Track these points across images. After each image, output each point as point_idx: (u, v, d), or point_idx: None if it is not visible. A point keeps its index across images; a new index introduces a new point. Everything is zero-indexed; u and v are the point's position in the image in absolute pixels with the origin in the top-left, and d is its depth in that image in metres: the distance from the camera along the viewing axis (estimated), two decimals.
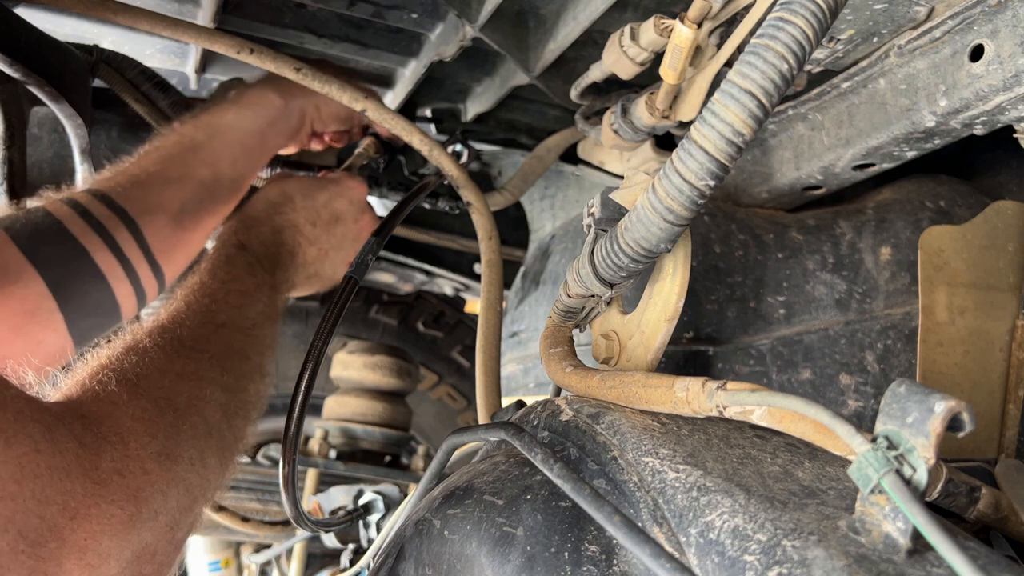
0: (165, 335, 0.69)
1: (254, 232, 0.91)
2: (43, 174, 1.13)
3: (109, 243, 0.81)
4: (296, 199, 0.97)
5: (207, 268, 0.82)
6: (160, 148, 0.91)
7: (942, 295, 0.76)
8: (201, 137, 0.93)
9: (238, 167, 0.96)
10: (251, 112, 0.98)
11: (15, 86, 0.89)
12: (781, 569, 0.38)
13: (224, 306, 0.78)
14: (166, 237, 0.87)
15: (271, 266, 0.89)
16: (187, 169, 0.91)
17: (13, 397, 0.51)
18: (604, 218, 0.69)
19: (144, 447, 0.57)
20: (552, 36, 0.91)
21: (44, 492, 0.48)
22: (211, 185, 0.92)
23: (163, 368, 0.66)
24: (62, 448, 0.51)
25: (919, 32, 0.69)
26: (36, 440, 0.49)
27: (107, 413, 0.57)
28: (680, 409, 0.53)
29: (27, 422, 0.50)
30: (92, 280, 0.80)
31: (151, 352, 0.66)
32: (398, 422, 1.81)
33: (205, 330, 0.74)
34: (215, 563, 2.03)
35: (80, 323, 0.79)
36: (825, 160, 0.80)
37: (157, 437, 0.59)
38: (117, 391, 0.59)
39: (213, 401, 0.69)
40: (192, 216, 0.90)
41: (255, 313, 0.81)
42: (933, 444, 0.36)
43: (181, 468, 0.60)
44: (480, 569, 0.54)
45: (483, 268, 0.98)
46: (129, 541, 0.53)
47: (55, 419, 0.52)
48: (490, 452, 0.71)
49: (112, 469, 0.54)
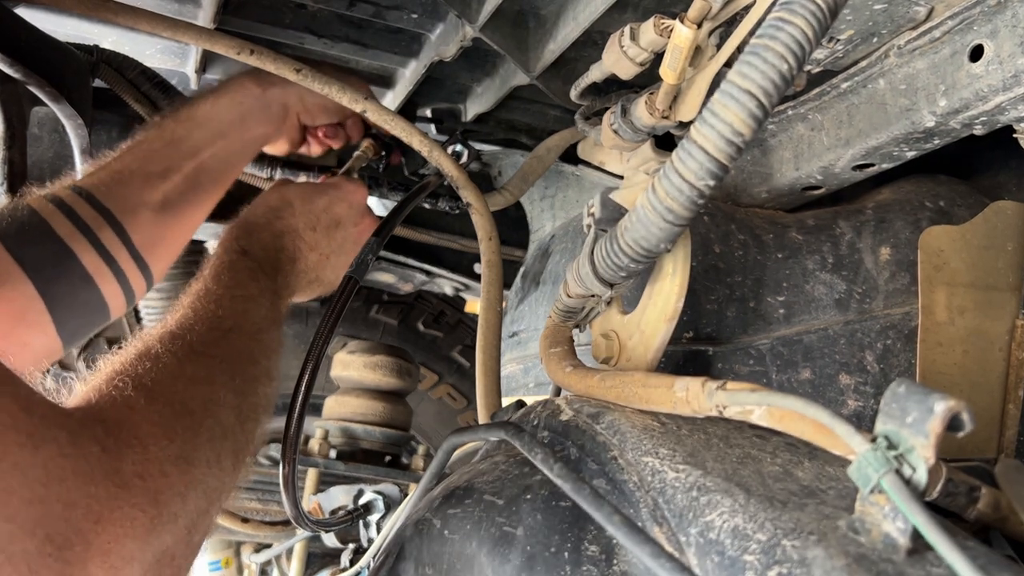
0: (176, 341, 0.70)
1: (255, 237, 0.91)
2: (43, 174, 1.13)
3: (95, 244, 0.82)
4: (296, 204, 0.97)
5: (210, 274, 0.83)
6: (142, 143, 0.92)
7: (942, 295, 0.76)
8: (181, 131, 0.94)
9: (220, 157, 0.97)
10: (228, 100, 0.98)
11: (15, 86, 0.89)
12: (781, 569, 0.38)
13: (230, 312, 0.78)
14: (151, 233, 0.88)
15: (272, 271, 0.90)
16: (169, 163, 0.92)
17: (38, 403, 0.51)
18: (604, 218, 0.69)
19: (163, 450, 0.58)
20: (552, 36, 0.91)
21: (70, 496, 0.49)
22: (194, 177, 0.94)
23: (176, 373, 0.66)
24: (85, 452, 0.51)
25: (919, 32, 0.69)
26: (61, 444, 0.50)
27: (126, 418, 0.58)
28: (680, 409, 0.53)
29: (52, 427, 0.50)
30: (80, 282, 0.81)
31: (164, 357, 0.66)
32: (398, 422, 1.81)
33: (213, 335, 0.74)
34: (215, 563, 2.03)
35: (69, 324, 0.80)
36: (825, 160, 0.80)
37: (175, 441, 0.59)
38: (134, 396, 0.60)
39: (226, 404, 0.69)
40: (176, 210, 0.92)
41: (259, 318, 0.82)
42: (933, 444, 0.36)
43: (199, 471, 0.61)
44: (480, 569, 0.54)
45: (483, 268, 0.98)
46: (151, 544, 0.54)
47: (78, 424, 0.53)
48: (490, 452, 0.71)
49: (133, 473, 0.54)
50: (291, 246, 0.94)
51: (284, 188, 1.00)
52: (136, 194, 0.88)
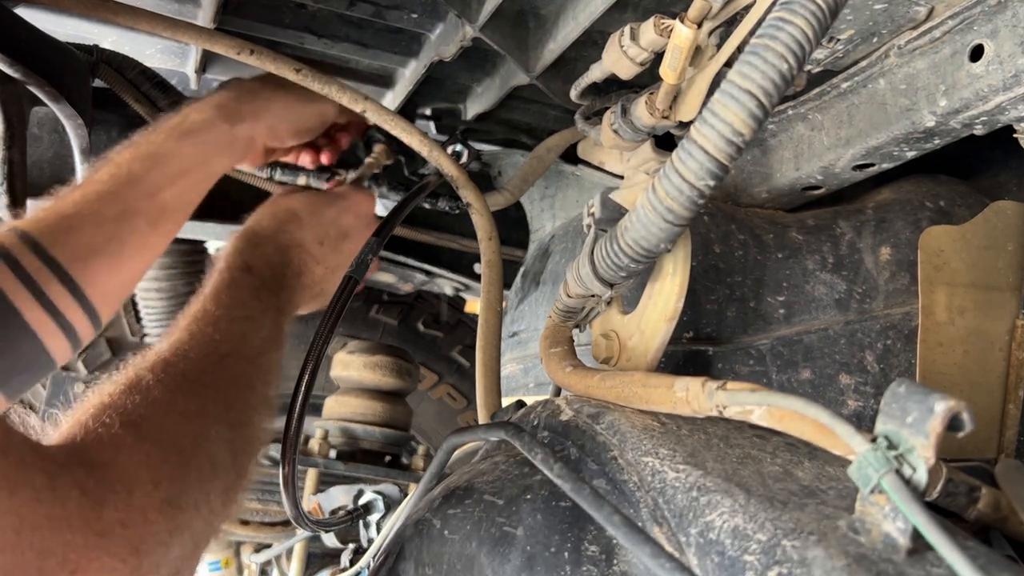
0: (168, 369, 0.67)
1: (259, 252, 0.88)
2: (43, 174, 1.13)
3: (40, 299, 0.76)
4: (303, 216, 0.94)
5: (210, 293, 0.80)
6: (96, 182, 0.84)
7: (942, 295, 0.76)
8: (138, 169, 0.85)
9: (181, 196, 0.89)
10: (193, 140, 0.90)
11: (15, 86, 0.89)
12: (781, 569, 0.38)
13: (228, 335, 0.76)
14: (103, 282, 0.81)
15: (276, 288, 0.87)
16: (125, 205, 0.84)
17: (17, 444, 0.49)
18: (604, 218, 0.69)
19: (148, 496, 0.55)
20: (552, 36, 0.91)
21: (44, 544, 0.47)
22: (153, 218, 0.86)
23: (167, 407, 0.64)
24: (63, 497, 0.50)
25: (919, 32, 0.69)
26: (38, 489, 0.48)
27: (111, 459, 0.55)
28: (680, 409, 0.53)
29: (30, 470, 0.49)
30: (23, 338, 0.75)
31: (154, 390, 0.64)
32: (398, 422, 1.81)
33: (208, 362, 0.72)
34: (215, 563, 2.03)
35: (12, 381, 0.75)
36: (825, 160, 0.80)
37: (161, 485, 0.57)
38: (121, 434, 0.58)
39: (219, 439, 0.67)
40: (132, 254, 0.84)
41: (260, 340, 0.79)
42: (933, 444, 0.36)
43: (185, 516, 0.58)
44: (480, 569, 0.54)
45: (483, 268, 0.98)
46: None
47: (58, 467, 0.51)
48: (490, 452, 0.71)
49: (115, 520, 0.52)
50: (297, 260, 0.91)
51: (290, 198, 0.97)
52: (87, 241, 0.80)
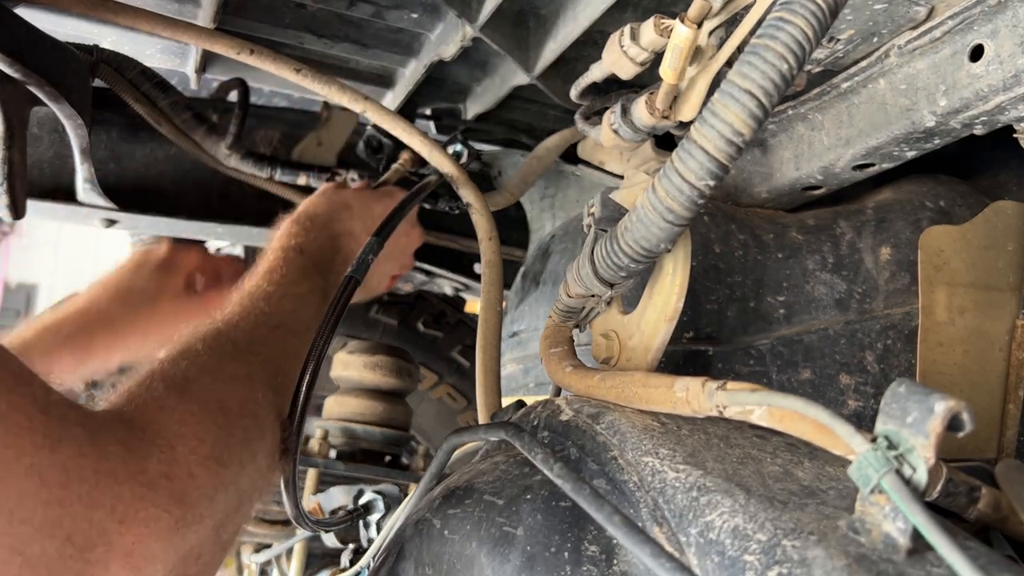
0: (219, 338, 0.70)
1: (312, 236, 0.92)
2: (43, 174, 1.13)
3: None
4: (355, 208, 0.99)
5: (263, 270, 0.84)
6: None
7: (942, 295, 0.76)
8: None
9: None
10: None
11: (15, 86, 0.88)
12: (781, 569, 0.38)
13: (278, 309, 0.79)
14: None
15: (325, 271, 0.91)
16: None
17: (56, 403, 0.51)
18: (604, 218, 0.69)
19: (192, 451, 0.57)
20: (552, 36, 0.91)
21: (91, 496, 0.48)
22: None
23: (215, 371, 0.66)
24: (107, 452, 0.51)
25: (919, 32, 0.69)
26: (80, 444, 0.49)
27: (153, 418, 0.57)
28: (680, 409, 0.53)
29: (71, 426, 0.50)
30: None
31: (203, 355, 0.66)
32: (398, 422, 1.81)
33: (259, 332, 0.75)
34: None
35: None
36: (825, 160, 0.80)
37: (206, 441, 0.59)
38: (165, 395, 0.59)
39: (266, 403, 0.69)
40: None
41: (307, 317, 0.83)
42: (933, 444, 0.36)
43: (230, 472, 0.60)
44: (480, 569, 0.54)
45: (483, 268, 0.98)
46: (175, 544, 0.53)
47: (99, 424, 0.52)
48: (490, 452, 0.71)
49: (159, 473, 0.53)
50: (347, 248, 0.96)
51: (342, 191, 1.03)
52: None
